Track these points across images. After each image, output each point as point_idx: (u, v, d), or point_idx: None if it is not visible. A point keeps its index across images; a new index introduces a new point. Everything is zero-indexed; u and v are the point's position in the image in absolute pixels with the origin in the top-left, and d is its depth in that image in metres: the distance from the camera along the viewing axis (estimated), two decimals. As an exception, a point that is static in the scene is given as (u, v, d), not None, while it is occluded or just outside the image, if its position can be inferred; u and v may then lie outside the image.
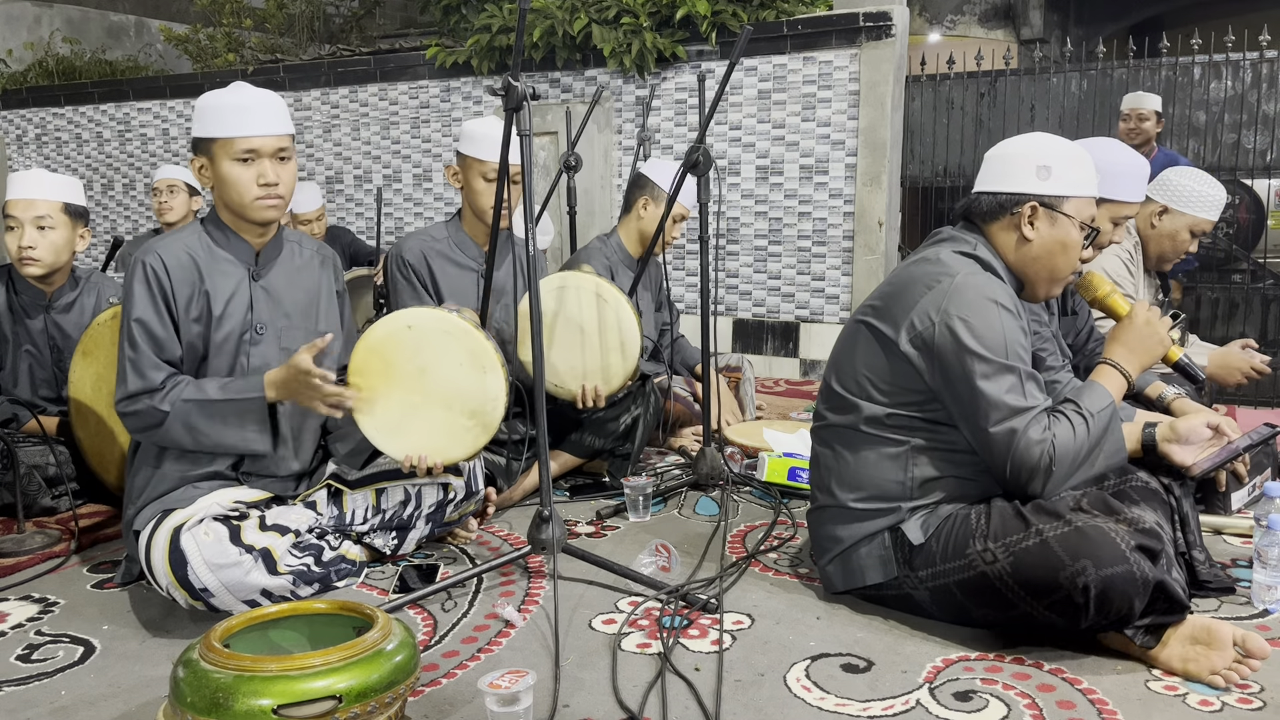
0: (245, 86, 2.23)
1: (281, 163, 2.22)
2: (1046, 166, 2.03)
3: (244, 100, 2.19)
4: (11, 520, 2.70)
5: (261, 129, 2.18)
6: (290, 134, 2.25)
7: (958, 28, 10.19)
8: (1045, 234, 2.04)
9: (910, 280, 2.05)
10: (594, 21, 5.54)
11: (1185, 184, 3.08)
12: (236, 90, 2.22)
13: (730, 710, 1.75)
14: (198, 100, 2.24)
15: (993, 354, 1.92)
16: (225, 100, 2.19)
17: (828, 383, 2.17)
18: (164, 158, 7.35)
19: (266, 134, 2.18)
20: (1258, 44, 4.85)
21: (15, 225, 2.88)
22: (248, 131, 2.17)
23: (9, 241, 2.90)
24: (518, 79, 2.22)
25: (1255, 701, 1.75)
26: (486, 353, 2.25)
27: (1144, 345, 2.11)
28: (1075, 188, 2.04)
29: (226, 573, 2.06)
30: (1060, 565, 1.79)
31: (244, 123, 2.17)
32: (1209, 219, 3.08)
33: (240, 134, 2.17)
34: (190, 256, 2.22)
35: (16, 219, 2.88)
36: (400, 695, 1.53)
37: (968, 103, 5.40)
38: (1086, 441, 1.95)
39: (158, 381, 2.15)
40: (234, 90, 2.22)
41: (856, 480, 2.08)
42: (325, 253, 2.46)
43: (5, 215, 2.89)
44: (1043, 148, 2.06)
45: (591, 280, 2.83)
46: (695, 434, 3.47)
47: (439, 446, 2.28)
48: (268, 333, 2.29)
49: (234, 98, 2.20)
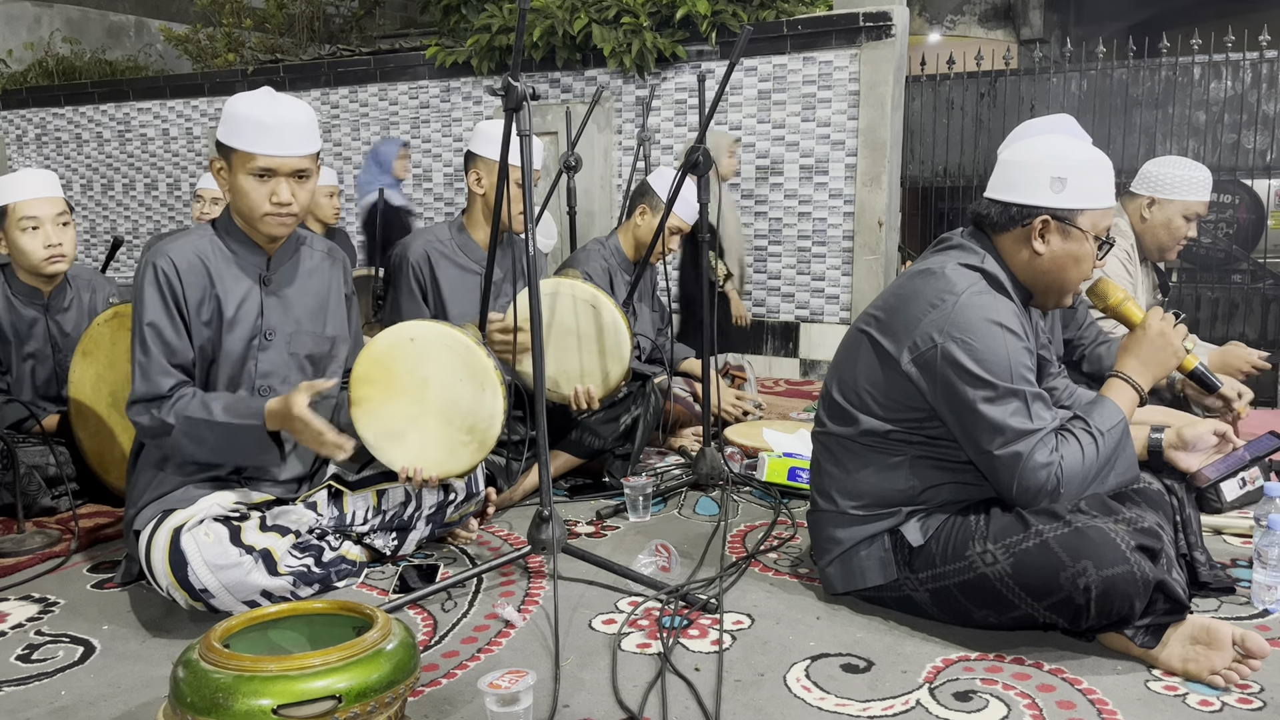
0: (275, 97, 2.16)
1: (300, 182, 2.18)
2: (1061, 179, 1.94)
3: (269, 117, 2.13)
4: (11, 520, 2.70)
5: (282, 149, 2.14)
6: (314, 152, 2.20)
7: (958, 28, 10.19)
8: (1057, 248, 1.98)
9: (914, 294, 2.00)
10: (594, 21, 5.54)
11: (1166, 171, 3.11)
12: (265, 101, 2.15)
13: (730, 710, 1.75)
14: (228, 100, 2.18)
15: (996, 378, 1.88)
16: (252, 111, 2.13)
17: (829, 390, 2.15)
18: (164, 158, 7.36)
19: (286, 155, 2.14)
20: (1258, 44, 4.85)
21: (36, 225, 2.85)
22: (267, 151, 2.13)
23: (30, 242, 2.86)
24: (518, 79, 2.21)
25: (1255, 702, 1.75)
26: (487, 370, 2.25)
27: (1157, 357, 2.05)
28: (1090, 200, 1.96)
29: (227, 573, 2.06)
30: (1061, 566, 1.79)
31: (265, 141, 2.13)
32: (1199, 200, 3.09)
33: (259, 151, 2.13)
34: (201, 260, 2.21)
35: (37, 218, 2.85)
36: (400, 695, 1.53)
37: (968, 103, 5.40)
38: (1096, 462, 1.91)
39: (164, 389, 2.14)
40: (264, 101, 2.15)
41: (857, 489, 2.07)
42: (336, 254, 2.44)
43: (21, 217, 2.84)
44: (1059, 157, 1.97)
45: (582, 286, 2.83)
46: (695, 434, 3.47)
47: (436, 460, 2.27)
48: (276, 338, 2.29)
49: (261, 111, 2.13)
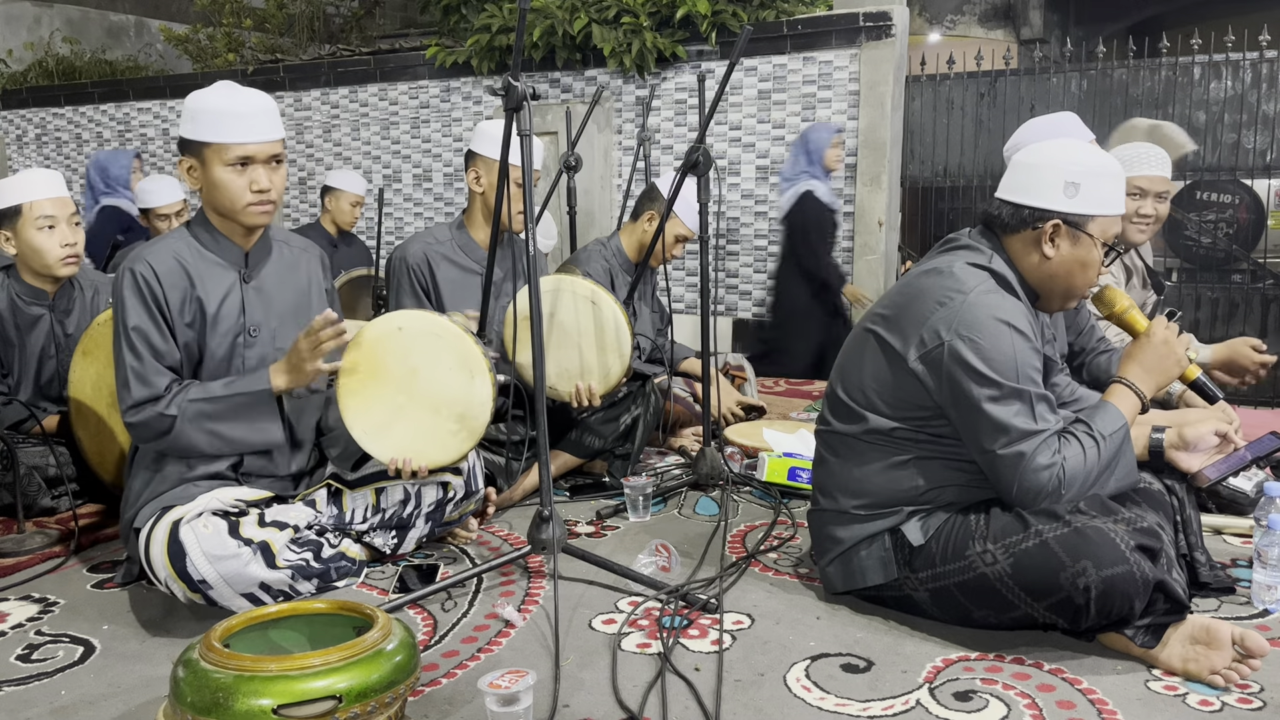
0: (236, 88, 2.19)
1: (274, 168, 2.20)
2: (1075, 184, 1.95)
3: (238, 105, 2.15)
4: (11, 520, 2.70)
5: (256, 136, 2.16)
6: (282, 138, 2.22)
7: (958, 28, 10.19)
8: (1066, 253, 1.98)
9: (921, 292, 2.00)
10: (594, 21, 5.54)
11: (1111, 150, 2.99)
12: (228, 93, 2.17)
13: (730, 710, 1.75)
14: (187, 99, 2.19)
15: (1002, 377, 1.89)
16: (218, 104, 2.15)
17: (834, 389, 2.15)
18: (164, 158, 7.35)
19: (261, 141, 2.16)
20: (1258, 44, 4.85)
21: (53, 224, 2.84)
22: (243, 139, 2.14)
23: (46, 241, 2.84)
24: (518, 79, 2.21)
25: (1255, 701, 1.75)
26: (475, 357, 2.24)
27: (1161, 365, 2.05)
28: (1102, 206, 1.97)
29: (225, 564, 2.06)
30: (1060, 566, 1.79)
31: (239, 129, 2.14)
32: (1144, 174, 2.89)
33: (235, 140, 2.14)
34: (179, 262, 2.20)
35: (53, 217, 2.83)
36: (400, 695, 1.53)
37: (968, 103, 5.40)
38: (1097, 465, 1.92)
39: (161, 388, 2.15)
40: (226, 92, 2.17)
41: (860, 488, 2.07)
42: (312, 250, 2.45)
43: (38, 216, 2.82)
44: (1073, 161, 1.97)
45: (582, 282, 2.84)
46: (695, 434, 3.47)
47: (424, 449, 2.27)
48: (261, 334, 2.29)
49: (228, 101, 2.15)
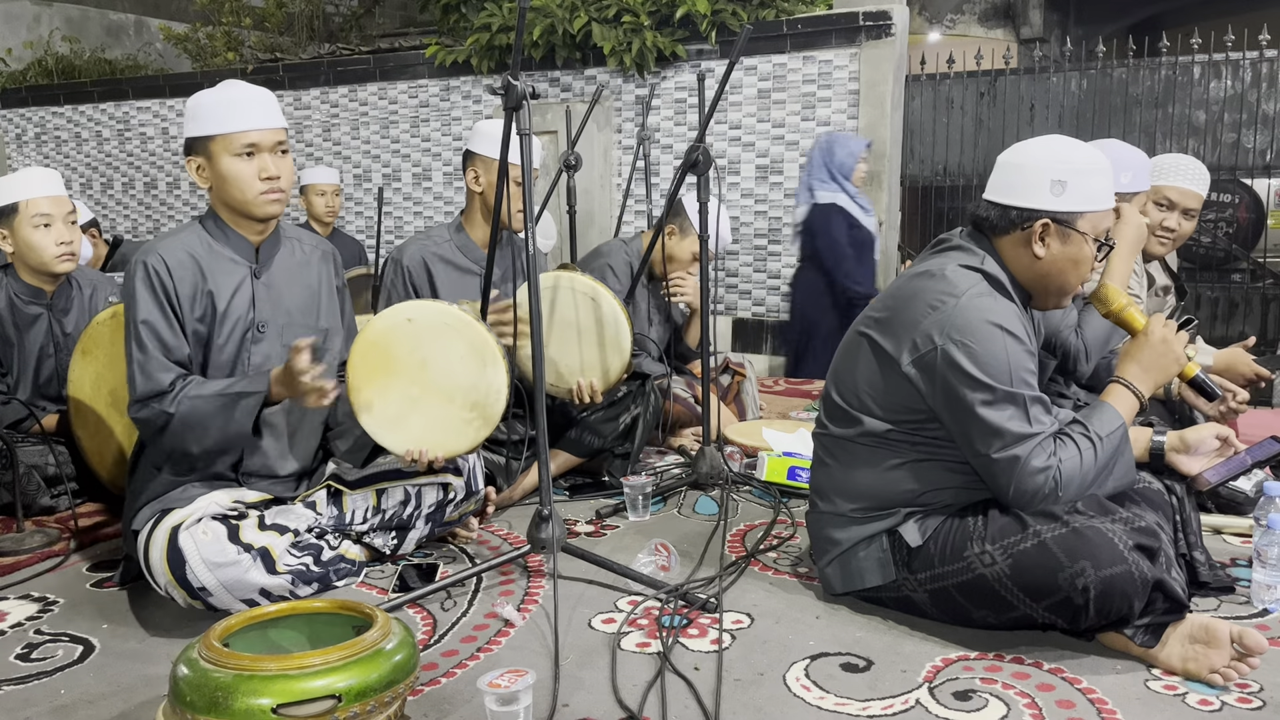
0: (237, 83, 2.23)
1: (281, 156, 2.23)
2: (1061, 181, 1.93)
3: (239, 96, 2.19)
4: (11, 519, 2.69)
5: (260, 123, 2.18)
6: (285, 127, 2.26)
7: (957, 27, 10.20)
8: (1057, 251, 1.97)
9: (914, 295, 2.00)
10: (594, 20, 5.54)
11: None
12: (229, 87, 2.21)
13: (730, 710, 1.75)
14: (189, 101, 2.23)
15: (995, 381, 1.88)
16: (220, 97, 2.19)
17: (829, 392, 2.15)
18: (164, 157, 7.35)
19: (266, 127, 2.19)
20: (1258, 44, 4.85)
21: (49, 222, 2.85)
22: (247, 126, 2.17)
23: (42, 239, 2.85)
24: (517, 78, 2.21)
25: (1255, 701, 1.75)
26: (488, 345, 2.24)
27: (1159, 364, 2.04)
28: (1090, 203, 1.95)
29: (225, 571, 2.06)
30: (1059, 566, 1.79)
31: (242, 117, 2.17)
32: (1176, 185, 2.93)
33: (240, 128, 2.17)
34: (191, 256, 2.21)
35: (49, 215, 2.85)
36: (400, 694, 1.53)
37: (967, 102, 5.40)
38: (1094, 466, 1.91)
39: (166, 384, 2.15)
40: (226, 87, 2.21)
41: (856, 491, 2.07)
42: (325, 248, 2.45)
43: (35, 214, 2.83)
44: (1059, 159, 1.95)
45: (581, 279, 2.84)
46: (695, 434, 3.46)
47: (439, 440, 2.27)
48: (269, 330, 2.29)
49: (228, 94, 2.19)
